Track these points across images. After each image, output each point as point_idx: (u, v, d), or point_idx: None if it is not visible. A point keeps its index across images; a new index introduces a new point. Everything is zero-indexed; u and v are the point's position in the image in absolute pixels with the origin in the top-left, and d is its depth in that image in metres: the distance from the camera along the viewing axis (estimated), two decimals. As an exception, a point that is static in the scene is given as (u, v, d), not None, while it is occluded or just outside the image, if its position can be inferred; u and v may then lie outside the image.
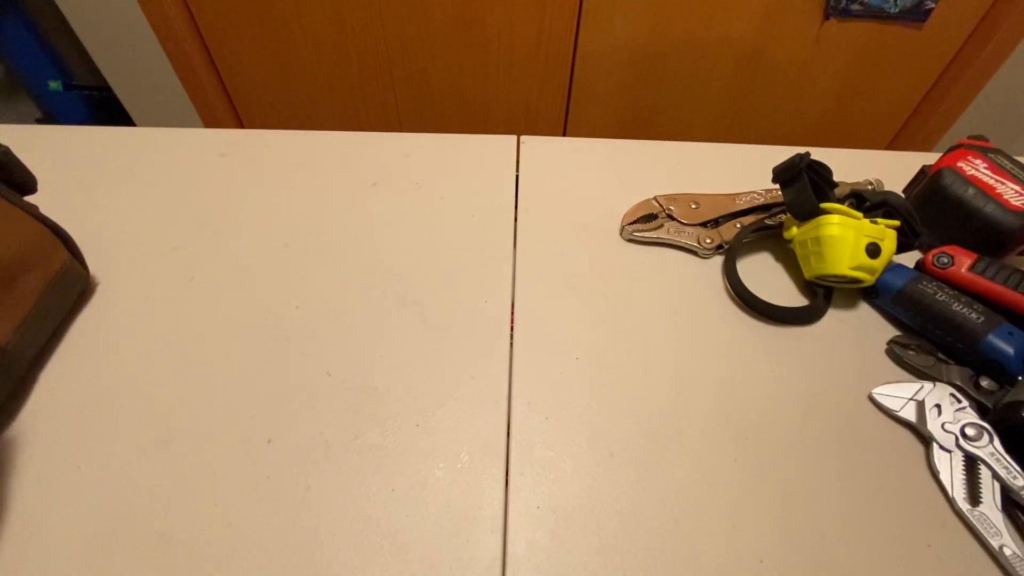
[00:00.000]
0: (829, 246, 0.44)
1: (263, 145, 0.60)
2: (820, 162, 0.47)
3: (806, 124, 1.37)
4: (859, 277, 0.44)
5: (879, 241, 0.44)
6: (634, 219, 0.52)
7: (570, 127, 1.40)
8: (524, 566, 0.33)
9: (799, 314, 0.46)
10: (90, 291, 0.45)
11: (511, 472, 0.37)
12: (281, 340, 0.43)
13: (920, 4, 1.12)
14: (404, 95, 1.34)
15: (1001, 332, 0.40)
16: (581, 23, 1.18)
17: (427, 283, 0.47)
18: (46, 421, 0.38)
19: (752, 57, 1.23)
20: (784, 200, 0.48)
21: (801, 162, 0.45)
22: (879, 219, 0.45)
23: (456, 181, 0.57)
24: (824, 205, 0.45)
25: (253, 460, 0.36)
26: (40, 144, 0.58)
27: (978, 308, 0.42)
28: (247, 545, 0.33)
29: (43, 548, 0.32)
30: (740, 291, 0.47)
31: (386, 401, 0.40)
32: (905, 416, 0.40)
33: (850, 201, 0.48)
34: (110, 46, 1.24)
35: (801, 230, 0.47)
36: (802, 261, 0.48)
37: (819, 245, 0.45)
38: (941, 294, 0.43)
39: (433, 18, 1.18)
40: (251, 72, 1.31)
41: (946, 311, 0.42)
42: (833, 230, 0.44)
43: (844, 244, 0.44)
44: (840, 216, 0.44)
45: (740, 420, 0.40)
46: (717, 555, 0.34)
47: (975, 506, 0.35)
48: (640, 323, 0.46)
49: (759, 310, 0.46)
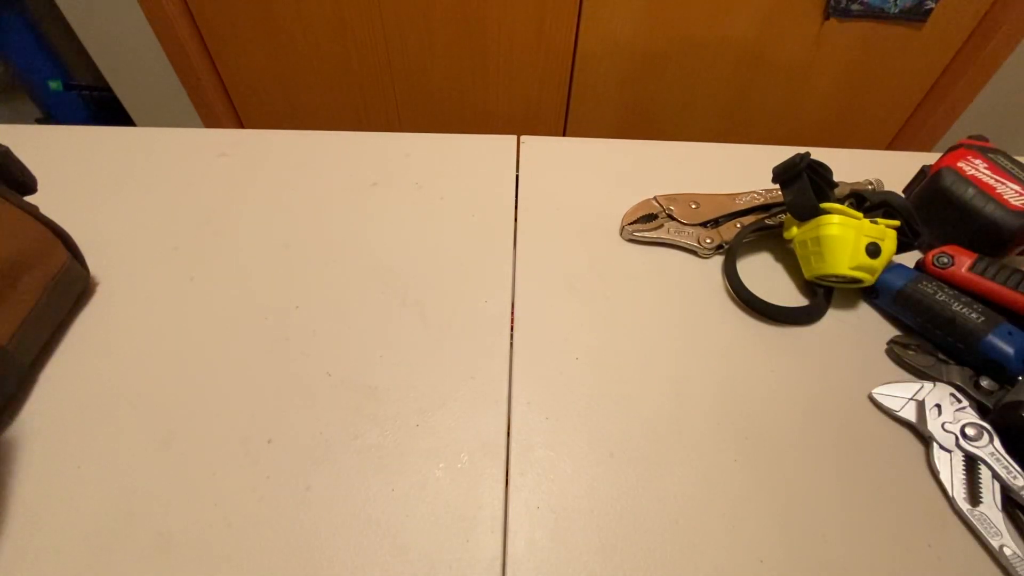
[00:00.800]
0: (829, 246, 0.44)
1: (263, 145, 0.60)
2: (820, 162, 0.47)
3: (806, 124, 1.37)
4: (859, 277, 0.44)
5: (879, 241, 0.44)
6: (634, 219, 0.52)
7: (570, 127, 1.40)
8: (524, 566, 0.33)
9: (799, 314, 0.46)
10: (90, 291, 0.45)
11: (511, 472, 0.37)
12: (281, 340, 0.43)
13: (920, 4, 1.12)
14: (404, 95, 1.34)
15: (1001, 332, 0.40)
16: (581, 23, 1.18)
17: (427, 283, 0.47)
18: (46, 421, 0.38)
19: (752, 57, 1.23)
20: (784, 200, 0.48)
21: (801, 162, 0.46)
22: (879, 219, 0.45)
23: (456, 181, 0.57)
24: (824, 205, 0.45)
25: (253, 460, 0.36)
26: (40, 144, 0.58)
27: (978, 308, 0.42)
28: (247, 545, 0.33)
29: (43, 548, 0.32)
30: (740, 291, 0.47)
31: (386, 401, 0.40)
32: (905, 416, 0.40)
33: (850, 201, 0.48)
34: (110, 46, 1.24)
35: (801, 230, 0.47)
36: (802, 261, 0.48)
37: (819, 245, 0.45)
38: (941, 294, 0.43)
39: (433, 18, 1.18)
40: (251, 72, 1.31)
41: (946, 311, 0.42)
42: (833, 230, 0.44)
43: (844, 244, 0.44)
44: (840, 216, 0.44)
45: (740, 420, 0.40)
46: (717, 555, 0.34)
47: (975, 506, 0.35)
48: (640, 323, 0.46)
49: (759, 310, 0.46)
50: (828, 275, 0.45)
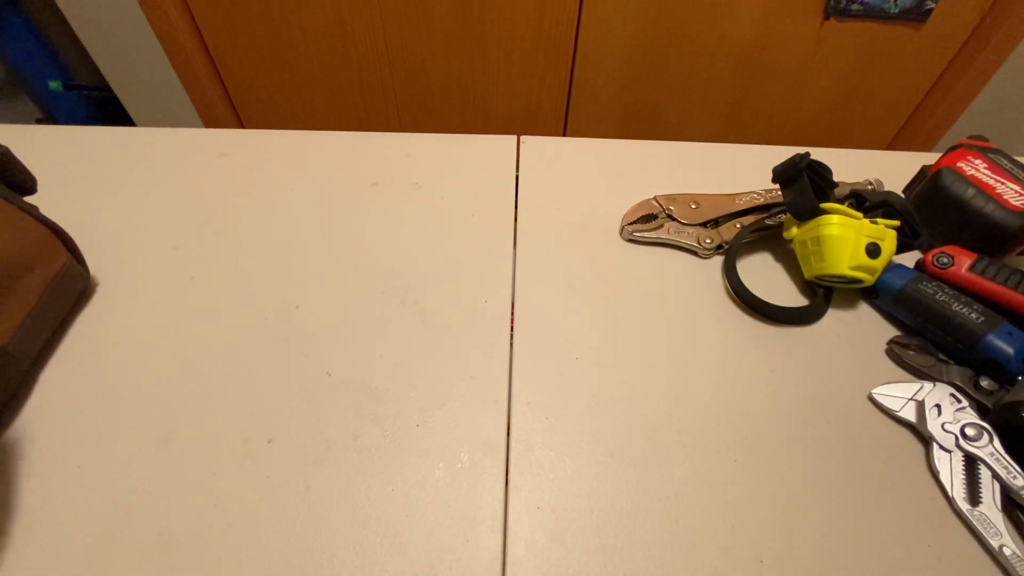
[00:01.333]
0: (829, 246, 0.44)
1: (263, 145, 0.60)
2: (820, 162, 0.47)
3: (806, 124, 1.37)
4: (859, 277, 0.44)
5: (879, 241, 0.44)
6: (634, 219, 0.52)
7: (570, 127, 1.40)
8: (524, 566, 0.33)
9: (799, 314, 0.46)
10: (90, 291, 0.45)
11: (511, 472, 0.37)
12: (281, 340, 0.43)
13: (920, 4, 1.12)
14: (404, 95, 1.34)
15: (1001, 332, 0.40)
16: (581, 23, 1.18)
17: (427, 283, 0.47)
18: (46, 421, 0.38)
19: (752, 57, 1.23)
20: (784, 200, 0.48)
21: (801, 162, 0.46)
22: (879, 219, 0.45)
23: (456, 181, 0.57)
24: (824, 205, 0.45)
25: (253, 460, 0.36)
26: (40, 144, 0.58)
27: (978, 308, 0.42)
28: (247, 545, 0.33)
29: (43, 548, 0.32)
30: (740, 291, 0.47)
31: (386, 401, 0.40)
32: (905, 416, 0.40)
33: (850, 201, 0.48)
34: (110, 46, 1.24)
35: (801, 230, 0.47)
36: (802, 261, 0.48)
37: (819, 245, 0.45)
38: (941, 294, 0.43)
39: (433, 18, 1.18)
40: (251, 72, 1.31)
41: (946, 311, 0.42)
42: (833, 230, 0.44)
43: (844, 244, 0.44)
44: (840, 216, 0.44)
45: (740, 420, 0.40)
46: (717, 555, 0.34)
47: (975, 506, 0.35)
48: (640, 323, 0.46)
49: (759, 310, 0.46)
50: (828, 275, 0.45)
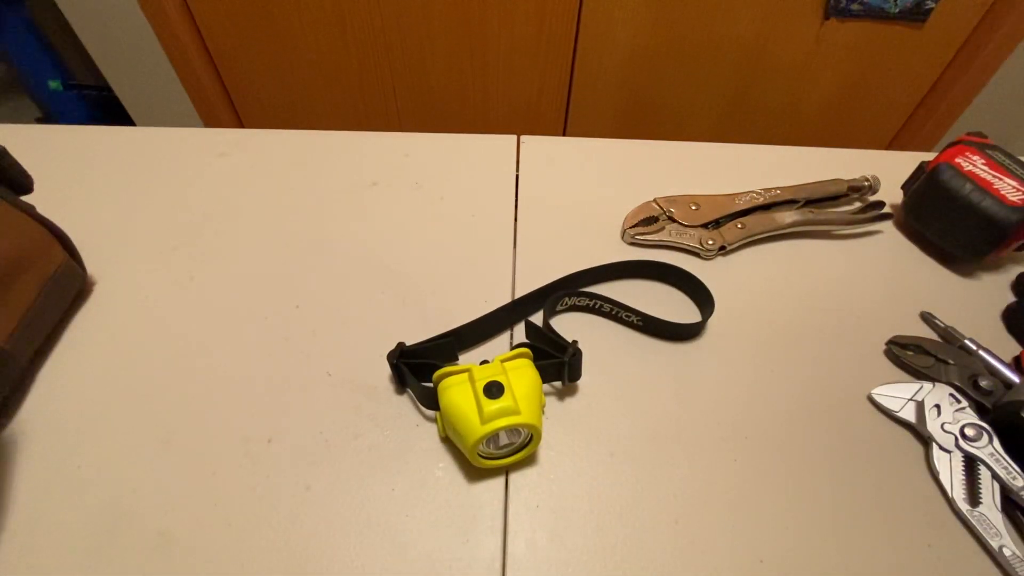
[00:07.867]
0: (451, 415, 0.34)
1: (263, 145, 0.60)
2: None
3: (806, 124, 1.38)
4: (519, 424, 0.33)
5: (496, 377, 0.34)
6: (635, 222, 0.52)
7: (570, 127, 1.40)
8: (524, 566, 0.33)
9: (683, 329, 0.44)
10: (88, 291, 0.45)
11: (511, 472, 0.37)
12: (281, 340, 0.43)
13: (920, 4, 1.12)
14: (404, 95, 1.34)
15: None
16: (581, 23, 1.18)
17: (427, 283, 0.47)
18: (45, 421, 0.38)
19: (752, 57, 1.23)
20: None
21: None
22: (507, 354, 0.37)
23: (456, 181, 0.57)
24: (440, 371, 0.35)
25: (253, 460, 0.36)
26: (40, 144, 0.58)
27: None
28: (247, 545, 0.33)
29: (43, 548, 0.32)
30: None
31: (386, 401, 0.40)
32: (904, 416, 0.40)
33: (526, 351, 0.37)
34: (110, 46, 1.24)
35: (441, 423, 0.37)
36: (468, 454, 0.34)
37: (447, 420, 0.34)
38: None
39: (433, 18, 1.18)
40: (251, 72, 1.31)
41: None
42: (447, 394, 0.34)
43: (463, 402, 0.33)
44: (448, 376, 0.35)
45: (740, 420, 0.40)
46: (717, 555, 0.34)
47: (975, 507, 0.35)
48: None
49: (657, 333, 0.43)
50: (473, 447, 0.33)
